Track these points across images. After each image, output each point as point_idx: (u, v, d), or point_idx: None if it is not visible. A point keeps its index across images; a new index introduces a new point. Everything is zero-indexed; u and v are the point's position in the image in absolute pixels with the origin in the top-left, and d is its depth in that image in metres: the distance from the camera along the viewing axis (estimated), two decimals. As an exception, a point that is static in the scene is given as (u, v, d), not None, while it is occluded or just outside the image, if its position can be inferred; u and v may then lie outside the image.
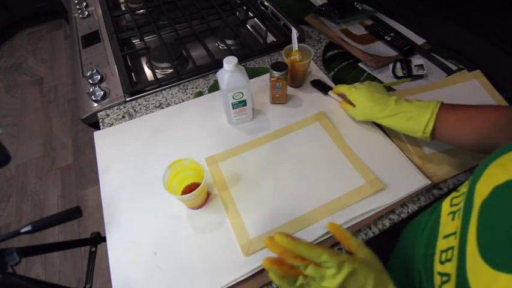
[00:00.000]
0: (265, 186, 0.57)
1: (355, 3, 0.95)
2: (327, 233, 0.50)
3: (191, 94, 0.76)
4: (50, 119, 1.91)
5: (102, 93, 0.74)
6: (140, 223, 0.53)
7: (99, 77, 0.78)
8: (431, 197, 0.56)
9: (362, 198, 0.54)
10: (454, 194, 0.38)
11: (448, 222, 0.36)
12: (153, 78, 0.77)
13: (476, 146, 0.48)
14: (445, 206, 0.38)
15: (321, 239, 0.50)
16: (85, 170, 1.65)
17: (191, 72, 0.80)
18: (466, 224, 0.30)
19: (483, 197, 0.28)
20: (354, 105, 0.61)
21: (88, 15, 1.01)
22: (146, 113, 0.71)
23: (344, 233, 0.37)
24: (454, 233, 0.33)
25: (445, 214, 0.37)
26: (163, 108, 0.73)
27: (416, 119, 0.52)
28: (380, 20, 0.93)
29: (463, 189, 0.36)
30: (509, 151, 0.29)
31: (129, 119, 0.70)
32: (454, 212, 0.35)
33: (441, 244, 0.35)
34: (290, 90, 0.74)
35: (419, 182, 0.56)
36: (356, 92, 0.60)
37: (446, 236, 0.35)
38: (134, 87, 0.76)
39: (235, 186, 0.57)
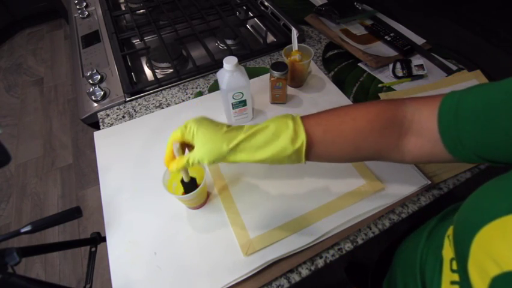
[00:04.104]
0: (265, 186, 0.57)
1: (355, 3, 0.95)
2: (328, 232, 0.50)
3: (191, 94, 0.76)
4: (50, 119, 1.91)
5: (102, 93, 0.74)
6: (140, 223, 0.53)
7: (99, 77, 0.78)
8: (431, 197, 0.56)
9: (362, 198, 0.54)
10: (450, 251, 0.34)
11: None
12: (153, 78, 0.77)
13: (354, 159, 0.42)
14: (446, 268, 0.34)
15: (322, 239, 0.50)
16: (85, 170, 1.65)
17: (191, 72, 0.80)
18: None
19: None
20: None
21: (88, 15, 1.01)
22: (146, 113, 0.71)
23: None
24: None
25: (447, 281, 0.33)
26: (163, 108, 0.73)
27: (284, 137, 0.38)
28: (380, 20, 0.93)
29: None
30: (483, 225, 0.25)
31: (129, 119, 0.70)
32: (458, 283, 0.31)
33: None
34: (290, 90, 0.74)
35: (419, 182, 0.56)
36: (192, 124, 0.42)
37: None
38: (134, 87, 0.76)
39: (235, 186, 0.57)
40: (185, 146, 0.44)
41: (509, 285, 0.22)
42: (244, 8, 1.06)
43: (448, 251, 0.35)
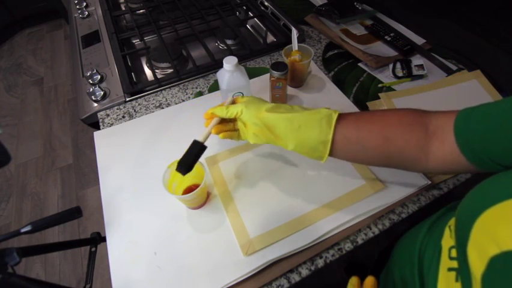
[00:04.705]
0: (265, 186, 0.57)
1: (355, 3, 0.95)
2: (328, 232, 0.50)
3: (191, 94, 0.76)
4: (50, 119, 1.91)
5: (102, 93, 0.74)
6: (140, 223, 0.53)
7: (99, 77, 0.78)
8: (431, 197, 0.56)
9: (362, 198, 0.54)
10: (450, 240, 0.35)
11: (450, 283, 0.32)
12: (153, 78, 0.77)
13: (381, 154, 0.41)
14: (444, 255, 0.35)
15: (322, 239, 0.50)
16: (85, 170, 1.65)
17: (191, 72, 0.80)
18: None
19: (481, 269, 0.25)
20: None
21: (88, 15, 1.01)
22: (146, 113, 0.71)
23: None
24: None
25: (444, 268, 0.34)
26: (163, 108, 0.73)
27: (314, 110, 0.43)
28: (380, 20, 0.93)
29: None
30: (486, 209, 0.26)
31: (129, 119, 0.70)
32: (456, 270, 0.32)
33: None
34: (290, 90, 0.74)
35: (419, 182, 0.56)
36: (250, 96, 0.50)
37: None
38: (134, 87, 0.76)
39: (235, 186, 0.57)
40: None
41: (507, 264, 0.23)
42: (244, 8, 1.06)
43: (447, 240, 0.36)
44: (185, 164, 0.44)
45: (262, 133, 0.45)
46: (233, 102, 0.50)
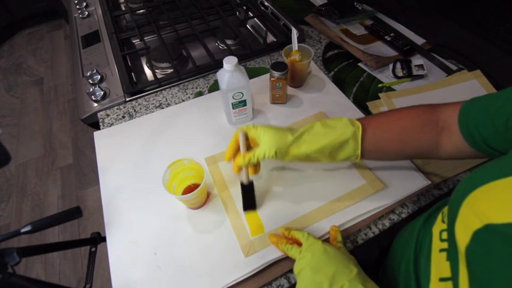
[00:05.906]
0: (265, 187, 0.57)
1: (355, 3, 0.95)
2: (328, 233, 0.50)
3: (191, 94, 0.76)
4: (50, 119, 1.91)
5: (102, 93, 0.74)
6: (140, 223, 0.53)
7: (99, 77, 0.78)
8: (431, 197, 0.56)
9: (362, 198, 0.54)
10: (441, 225, 0.37)
11: (441, 262, 0.34)
12: (153, 78, 0.77)
13: (399, 154, 0.46)
14: (435, 239, 0.37)
15: (322, 239, 0.50)
16: (85, 170, 1.65)
17: (191, 72, 0.80)
18: (456, 270, 0.30)
19: (465, 242, 0.28)
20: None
21: (88, 15, 1.01)
22: (146, 113, 0.71)
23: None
24: (451, 279, 0.32)
25: (436, 249, 0.36)
26: (163, 108, 0.73)
27: (340, 125, 0.44)
28: (380, 20, 0.93)
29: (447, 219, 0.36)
30: (474, 189, 0.28)
31: (129, 119, 0.70)
32: (447, 250, 0.34)
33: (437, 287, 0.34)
34: (290, 90, 0.74)
35: (419, 182, 0.56)
36: (258, 126, 0.47)
37: (443, 279, 0.33)
38: (134, 87, 0.76)
39: (235, 186, 0.57)
40: (249, 145, 0.48)
41: (487, 235, 0.26)
42: (244, 8, 1.06)
43: (438, 225, 0.38)
44: (249, 204, 0.51)
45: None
46: (246, 136, 0.47)
